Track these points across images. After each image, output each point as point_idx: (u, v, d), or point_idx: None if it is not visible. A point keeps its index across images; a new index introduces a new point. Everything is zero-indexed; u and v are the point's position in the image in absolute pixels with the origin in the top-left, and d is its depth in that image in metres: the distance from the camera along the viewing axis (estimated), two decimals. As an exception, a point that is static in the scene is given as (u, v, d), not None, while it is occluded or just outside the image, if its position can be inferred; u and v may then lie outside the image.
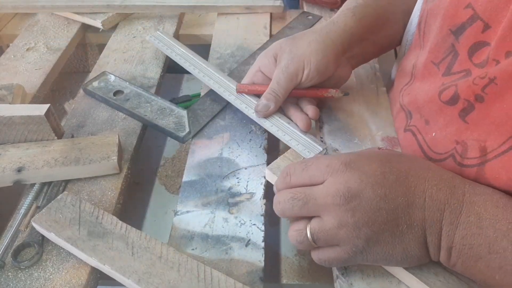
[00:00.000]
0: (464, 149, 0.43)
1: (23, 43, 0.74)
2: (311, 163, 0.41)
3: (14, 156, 0.51)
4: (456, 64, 0.46)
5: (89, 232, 0.44)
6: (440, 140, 0.47)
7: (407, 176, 0.38)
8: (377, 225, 0.37)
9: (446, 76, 0.47)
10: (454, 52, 0.46)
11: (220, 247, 0.45)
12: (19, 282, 0.42)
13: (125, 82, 0.64)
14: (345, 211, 0.37)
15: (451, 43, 0.47)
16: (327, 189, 0.38)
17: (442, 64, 0.48)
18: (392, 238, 0.38)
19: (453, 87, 0.45)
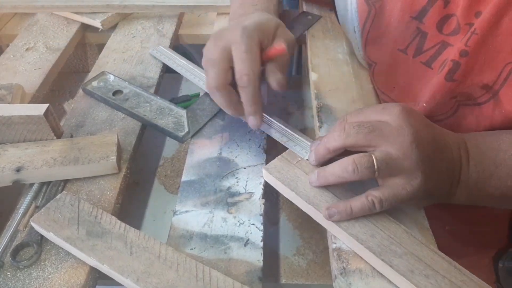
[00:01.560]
0: (468, 95, 0.50)
1: (22, 43, 0.74)
2: (366, 109, 0.45)
3: (13, 155, 0.51)
4: (427, 42, 0.53)
5: (88, 231, 0.44)
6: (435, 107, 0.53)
7: (432, 123, 0.44)
8: (431, 160, 0.41)
9: (419, 56, 0.54)
10: (421, 33, 0.53)
11: (219, 246, 0.45)
12: (18, 281, 0.42)
13: (124, 82, 0.64)
14: (410, 143, 0.40)
15: (416, 27, 0.53)
16: (391, 123, 0.42)
17: (409, 49, 0.55)
18: (437, 174, 0.42)
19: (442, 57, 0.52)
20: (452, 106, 0.52)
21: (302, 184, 0.47)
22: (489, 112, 0.49)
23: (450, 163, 0.43)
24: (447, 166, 0.43)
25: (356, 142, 0.42)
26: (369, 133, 0.41)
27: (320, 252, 0.55)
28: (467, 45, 0.47)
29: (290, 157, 0.50)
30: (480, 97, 0.49)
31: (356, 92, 0.63)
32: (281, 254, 0.55)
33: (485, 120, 0.50)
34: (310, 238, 0.57)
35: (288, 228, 0.58)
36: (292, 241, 0.57)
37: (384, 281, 0.41)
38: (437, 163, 0.42)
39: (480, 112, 0.50)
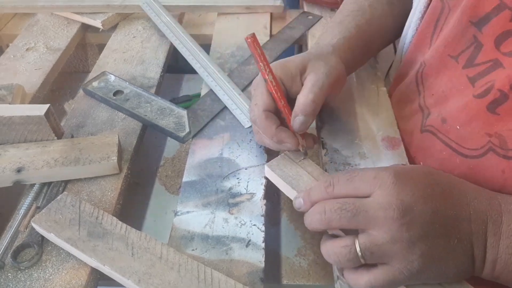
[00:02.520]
0: (502, 141, 0.43)
1: (23, 43, 0.74)
2: (356, 174, 0.39)
3: (14, 156, 0.50)
4: (481, 55, 0.45)
5: (89, 232, 0.44)
6: (467, 136, 0.46)
7: (451, 189, 0.38)
8: (431, 239, 0.36)
9: (468, 68, 0.46)
10: (477, 43, 0.45)
11: (220, 247, 0.45)
12: (19, 282, 0.42)
13: (125, 82, 0.64)
14: (399, 226, 0.35)
15: (472, 34, 0.46)
16: (379, 201, 0.36)
17: (461, 57, 0.47)
18: (445, 253, 0.36)
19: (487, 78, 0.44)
20: (483, 145, 0.45)
21: (303, 183, 0.46)
22: None
23: (466, 238, 0.37)
24: (461, 243, 0.37)
25: (339, 227, 0.38)
26: (353, 218, 0.36)
27: (321, 252, 0.55)
28: None
29: (293, 156, 0.50)
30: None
31: (357, 92, 0.63)
32: (282, 255, 0.55)
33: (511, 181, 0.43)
34: (312, 239, 0.57)
35: (289, 229, 0.58)
36: (294, 242, 0.56)
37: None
38: (441, 240, 0.36)
39: (508, 168, 0.43)
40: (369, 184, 0.37)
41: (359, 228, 0.37)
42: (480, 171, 0.45)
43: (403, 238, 0.35)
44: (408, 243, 0.35)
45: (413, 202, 0.36)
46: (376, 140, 0.56)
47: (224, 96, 0.62)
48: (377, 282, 0.37)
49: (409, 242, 0.35)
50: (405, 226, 0.35)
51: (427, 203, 0.36)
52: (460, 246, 0.37)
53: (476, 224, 0.37)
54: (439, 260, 0.36)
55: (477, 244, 0.37)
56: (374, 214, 0.36)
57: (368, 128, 0.57)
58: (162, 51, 0.73)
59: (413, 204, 0.36)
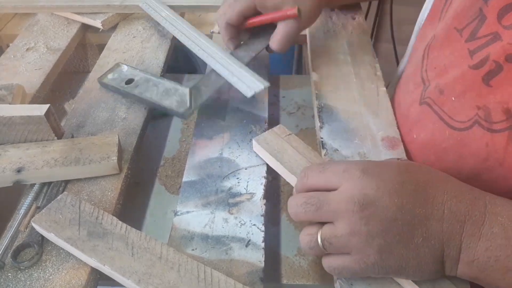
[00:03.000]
0: (487, 113, 0.43)
1: (23, 43, 0.74)
2: (329, 166, 0.40)
3: (14, 156, 0.51)
4: (483, 27, 0.45)
5: (89, 232, 0.44)
6: (459, 108, 0.46)
7: (426, 187, 0.37)
8: (391, 235, 0.36)
9: (470, 42, 0.46)
10: (481, 16, 0.45)
11: (220, 247, 0.45)
12: (19, 282, 0.42)
13: (136, 69, 0.66)
14: (358, 219, 0.36)
15: (479, 7, 0.46)
16: (342, 194, 0.37)
17: (465, 30, 0.47)
18: (406, 251, 0.36)
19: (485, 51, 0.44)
20: (471, 117, 0.45)
21: (287, 156, 0.51)
22: (501, 144, 0.42)
23: (434, 238, 0.36)
24: (428, 242, 0.36)
25: (305, 219, 0.40)
26: (316, 211, 0.38)
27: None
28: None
29: (280, 131, 0.55)
30: (496, 123, 0.42)
31: (357, 92, 0.63)
32: (282, 255, 0.55)
33: (496, 153, 0.43)
34: (311, 239, 0.57)
35: (289, 229, 0.58)
36: (293, 242, 0.56)
37: (386, 282, 0.41)
38: (403, 237, 0.36)
39: (491, 141, 0.43)
40: (338, 176, 0.38)
41: (324, 220, 0.39)
42: (466, 144, 0.45)
43: (362, 231, 0.36)
44: (367, 236, 0.36)
45: (377, 196, 0.36)
46: (376, 140, 0.56)
47: (225, 72, 0.61)
48: (334, 266, 0.39)
49: (368, 236, 0.36)
50: (364, 219, 0.36)
51: (392, 199, 0.36)
52: (426, 245, 0.36)
53: (449, 224, 0.36)
54: (399, 257, 0.36)
55: (449, 243, 0.36)
56: (336, 207, 0.37)
57: (368, 128, 0.57)
58: (162, 51, 0.73)
59: (376, 199, 0.36)
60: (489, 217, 0.36)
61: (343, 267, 0.38)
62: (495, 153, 0.43)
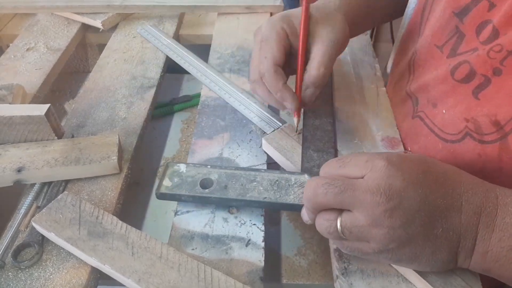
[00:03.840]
0: (477, 126, 0.44)
1: (23, 43, 0.74)
2: (349, 160, 0.39)
3: (14, 156, 0.51)
4: (463, 44, 0.46)
5: (89, 232, 0.44)
6: (449, 121, 0.47)
7: (445, 178, 0.37)
8: (413, 227, 0.36)
9: (451, 58, 0.48)
10: (459, 33, 0.47)
11: (220, 247, 0.45)
12: (19, 282, 0.42)
13: (203, 166, 0.49)
14: (383, 211, 0.35)
15: (454, 25, 0.47)
16: (368, 183, 0.36)
17: (446, 47, 0.49)
18: (424, 241, 0.36)
19: (466, 64, 0.45)
20: (461, 130, 0.46)
21: (297, 155, 0.51)
22: (494, 154, 0.43)
23: (453, 229, 0.37)
24: (446, 233, 0.37)
25: (326, 203, 0.38)
26: (339, 194, 0.37)
27: (321, 252, 0.55)
28: (503, 64, 0.41)
29: (289, 130, 0.55)
30: (487, 135, 0.43)
31: (357, 92, 0.63)
32: (282, 254, 0.55)
33: (492, 162, 0.43)
34: (311, 238, 0.57)
35: (289, 228, 0.58)
36: (293, 241, 0.57)
37: (385, 281, 0.41)
38: (424, 229, 0.36)
39: (483, 152, 0.44)
40: (361, 167, 0.38)
41: (344, 207, 0.38)
42: (459, 155, 0.46)
43: (384, 224, 0.36)
44: (389, 228, 0.36)
45: (402, 187, 0.36)
46: (376, 140, 0.56)
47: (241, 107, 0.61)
48: (350, 249, 0.39)
49: (390, 228, 0.36)
50: (389, 212, 0.35)
51: (417, 190, 0.36)
52: (445, 236, 0.36)
53: (467, 216, 0.36)
54: (415, 246, 0.37)
55: (466, 235, 0.37)
56: (361, 196, 0.36)
57: (368, 128, 0.57)
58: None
59: (402, 190, 0.36)
60: (501, 208, 0.36)
61: (358, 250, 0.39)
62: (489, 163, 0.43)
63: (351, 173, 0.38)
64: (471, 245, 0.37)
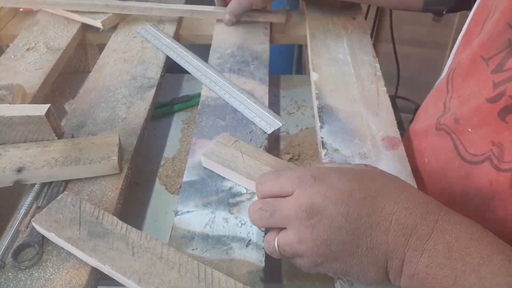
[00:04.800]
0: (501, 151, 0.41)
1: (23, 43, 0.74)
2: (283, 173, 0.40)
3: (14, 156, 0.50)
4: (511, 60, 0.43)
5: (89, 232, 0.44)
6: (475, 141, 0.45)
7: (376, 197, 0.37)
8: (335, 244, 0.36)
9: (496, 74, 0.44)
10: (511, 48, 0.43)
11: (221, 247, 0.45)
12: (19, 282, 0.42)
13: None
14: (305, 227, 0.37)
15: (507, 38, 0.44)
16: (293, 201, 0.38)
17: (492, 60, 0.45)
18: (350, 258, 0.37)
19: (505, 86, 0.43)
20: (485, 152, 0.43)
21: (241, 163, 0.50)
22: (505, 185, 0.40)
23: (378, 248, 0.36)
24: (371, 252, 0.36)
25: (262, 226, 0.42)
26: (270, 217, 0.39)
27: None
28: None
29: (225, 141, 0.54)
30: (506, 162, 0.41)
31: (357, 92, 0.63)
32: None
33: (501, 193, 0.41)
34: (312, 238, 0.57)
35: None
36: (294, 242, 0.57)
37: (386, 282, 0.41)
38: (348, 246, 0.36)
39: (495, 180, 0.41)
40: (292, 183, 0.39)
41: (279, 226, 0.40)
42: (472, 178, 0.44)
43: (308, 239, 0.37)
44: (313, 244, 0.37)
45: (324, 205, 0.36)
46: (376, 140, 0.56)
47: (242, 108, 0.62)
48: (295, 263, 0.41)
49: (314, 243, 0.37)
50: (310, 228, 0.37)
51: (338, 208, 0.36)
52: (370, 255, 0.36)
53: (394, 235, 0.35)
54: (343, 263, 0.37)
55: (392, 255, 0.36)
56: (287, 214, 0.38)
57: (368, 128, 0.57)
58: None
59: (323, 207, 0.36)
60: (436, 233, 0.35)
61: (300, 265, 0.40)
62: (500, 193, 0.41)
63: (283, 187, 0.40)
64: (399, 266, 0.36)
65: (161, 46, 0.73)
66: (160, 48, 0.73)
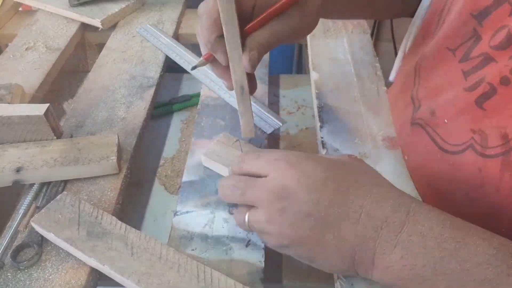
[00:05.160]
0: (483, 138, 0.42)
1: (22, 42, 0.74)
2: (264, 154, 0.41)
3: (13, 156, 0.50)
4: (477, 48, 0.44)
5: (88, 232, 0.43)
6: (453, 130, 0.46)
7: (348, 188, 0.37)
8: (302, 229, 0.37)
9: (464, 62, 0.45)
10: (476, 36, 0.44)
11: (220, 247, 0.45)
12: (19, 282, 0.42)
13: None
14: (275, 209, 0.37)
15: (472, 27, 0.45)
16: (266, 183, 0.38)
17: (459, 50, 0.46)
18: (315, 245, 0.37)
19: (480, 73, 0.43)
20: (465, 141, 0.44)
21: None
22: (495, 170, 0.40)
23: (345, 239, 0.36)
24: (338, 242, 0.36)
25: (233, 202, 0.42)
26: (242, 195, 0.40)
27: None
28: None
29: (226, 140, 0.53)
30: (490, 148, 0.41)
31: (357, 91, 0.63)
32: (283, 255, 0.55)
33: (492, 178, 0.41)
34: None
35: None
36: (293, 242, 0.56)
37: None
38: (314, 233, 0.36)
39: (484, 167, 0.41)
40: (270, 165, 0.39)
41: (249, 204, 0.40)
42: (458, 168, 0.44)
43: (276, 221, 0.38)
44: (280, 226, 0.37)
45: (295, 190, 0.37)
46: (376, 140, 0.56)
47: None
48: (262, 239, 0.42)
49: (281, 226, 0.37)
50: (279, 211, 0.37)
51: (310, 194, 0.36)
52: (335, 245, 0.36)
53: (364, 228, 0.35)
54: (308, 248, 0.37)
55: (362, 247, 0.36)
56: (259, 194, 0.39)
57: (368, 127, 0.57)
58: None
59: (293, 192, 0.37)
60: (409, 225, 0.35)
61: (266, 243, 0.42)
62: (490, 179, 0.41)
63: (261, 167, 0.40)
64: (370, 258, 0.36)
65: (160, 46, 0.73)
66: (160, 47, 0.73)
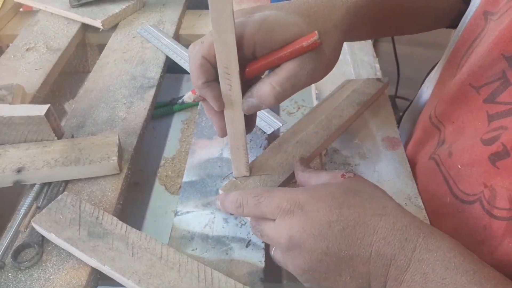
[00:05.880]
0: (492, 195, 0.40)
1: (23, 43, 0.74)
2: (263, 200, 0.39)
3: (14, 156, 0.50)
4: (506, 93, 0.41)
5: (89, 232, 0.44)
6: (465, 178, 0.44)
7: (355, 226, 0.36)
8: (318, 274, 0.37)
9: (489, 104, 0.43)
10: (505, 79, 0.41)
11: (221, 247, 0.45)
12: (19, 282, 0.42)
13: None
14: (286, 257, 0.38)
15: (502, 69, 0.42)
16: (274, 231, 0.38)
17: (484, 89, 0.44)
18: (333, 283, 0.37)
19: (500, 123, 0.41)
20: (476, 193, 0.42)
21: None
22: (498, 233, 0.39)
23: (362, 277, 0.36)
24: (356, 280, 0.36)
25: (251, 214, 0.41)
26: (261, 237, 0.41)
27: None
28: None
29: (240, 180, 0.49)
30: (498, 209, 0.40)
31: (357, 92, 0.63)
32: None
33: (492, 240, 0.40)
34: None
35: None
36: (293, 242, 0.56)
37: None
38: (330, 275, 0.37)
39: (489, 226, 0.40)
40: (272, 212, 0.39)
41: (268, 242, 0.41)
42: (466, 218, 0.44)
43: (289, 264, 0.38)
44: (295, 272, 0.38)
45: (303, 239, 0.36)
46: (376, 140, 0.56)
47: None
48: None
49: (296, 271, 0.38)
50: (291, 259, 0.38)
51: (317, 242, 0.36)
52: (354, 282, 0.36)
53: (375, 266, 0.35)
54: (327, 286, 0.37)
55: (375, 283, 0.36)
56: (271, 239, 0.39)
57: (368, 128, 0.57)
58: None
59: (302, 242, 0.36)
60: (414, 264, 0.35)
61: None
62: (490, 239, 0.41)
63: (264, 214, 0.39)
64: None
65: (161, 46, 0.73)
66: (160, 48, 0.73)
